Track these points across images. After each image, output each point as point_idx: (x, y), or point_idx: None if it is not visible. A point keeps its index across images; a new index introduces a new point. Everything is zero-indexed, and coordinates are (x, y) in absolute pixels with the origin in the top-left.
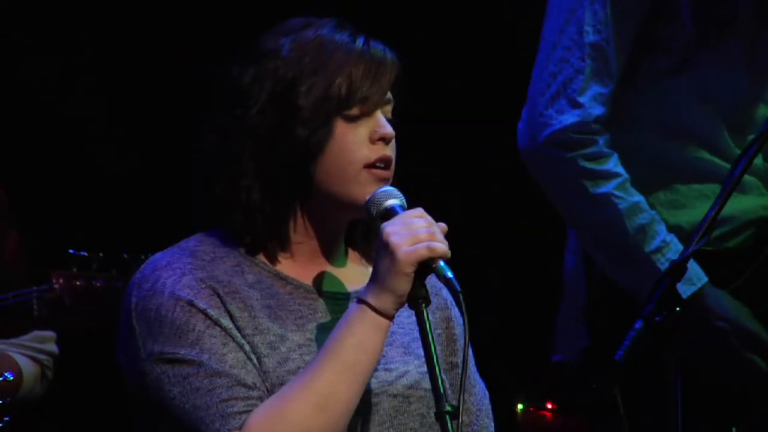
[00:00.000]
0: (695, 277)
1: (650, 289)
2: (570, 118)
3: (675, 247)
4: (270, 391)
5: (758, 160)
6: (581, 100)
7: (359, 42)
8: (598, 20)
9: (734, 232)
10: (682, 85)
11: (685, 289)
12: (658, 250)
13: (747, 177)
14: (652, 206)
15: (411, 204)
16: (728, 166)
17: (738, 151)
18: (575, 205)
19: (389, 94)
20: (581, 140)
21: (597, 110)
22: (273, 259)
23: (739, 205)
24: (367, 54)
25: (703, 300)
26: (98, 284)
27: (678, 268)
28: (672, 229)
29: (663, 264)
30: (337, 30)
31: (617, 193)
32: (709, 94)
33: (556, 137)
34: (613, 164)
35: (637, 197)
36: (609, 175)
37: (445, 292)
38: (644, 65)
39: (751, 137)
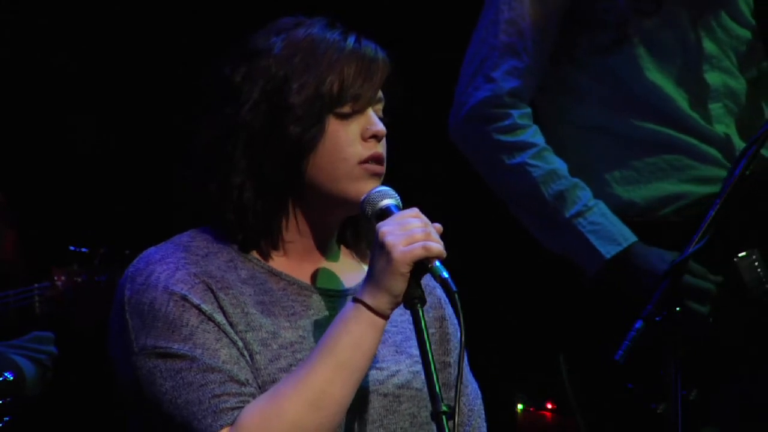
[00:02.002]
0: (621, 237)
1: (579, 252)
2: (483, 93)
3: (599, 211)
4: (261, 388)
5: (720, 130)
6: (494, 75)
7: (351, 40)
8: None
9: (690, 206)
10: (626, 57)
11: (608, 250)
12: (579, 214)
13: (708, 149)
14: (607, 184)
15: (406, 204)
16: (684, 137)
17: (698, 121)
18: (496, 178)
19: (380, 93)
20: (495, 114)
21: (510, 84)
22: (266, 257)
23: (693, 179)
24: (359, 52)
25: (630, 259)
26: (100, 280)
27: (678, 269)
28: (625, 204)
29: (585, 227)
30: (328, 29)
31: (531, 161)
32: (658, 63)
33: (473, 112)
34: (530, 135)
35: (555, 165)
36: (524, 146)
37: (438, 291)
38: (583, 41)
39: (713, 105)
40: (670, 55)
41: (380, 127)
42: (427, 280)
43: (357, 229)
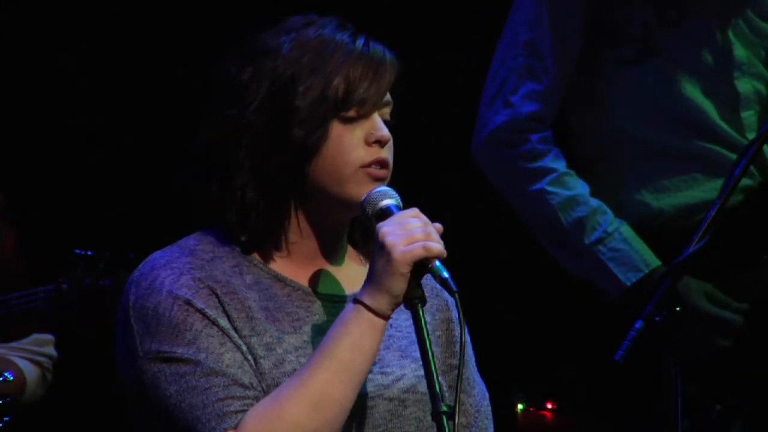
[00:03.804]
0: (642, 263)
1: (600, 279)
2: (502, 117)
3: (620, 236)
4: (266, 393)
5: (752, 138)
6: (512, 99)
7: (359, 43)
8: (530, 18)
9: None
10: (653, 68)
11: (628, 277)
12: (598, 241)
13: (731, 156)
14: (637, 193)
15: (407, 204)
16: (714, 148)
17: (728, 131)
18: (517, 202)
19: (388, 96)
20: (513, 139)
21: (528, 108)
22: (269, 259)
23: (716, 190)
24: (366, 55)
25: (652, 284)
26: (105, 284)
27: (678, 269)
28: (654, 212)
29: (605, 254)
30: (338, 30)
31: (550, 189)
32: (686, 73)
33: (492, 137)
34: (549, 160)
35: (575, 191)
36: (543, 172)
37: (445, 294)
38: (609, 55)
39: (745, 114)
40: (698, 64)
41: (384, 133)
42: (434, 283)
43: (366, 230)
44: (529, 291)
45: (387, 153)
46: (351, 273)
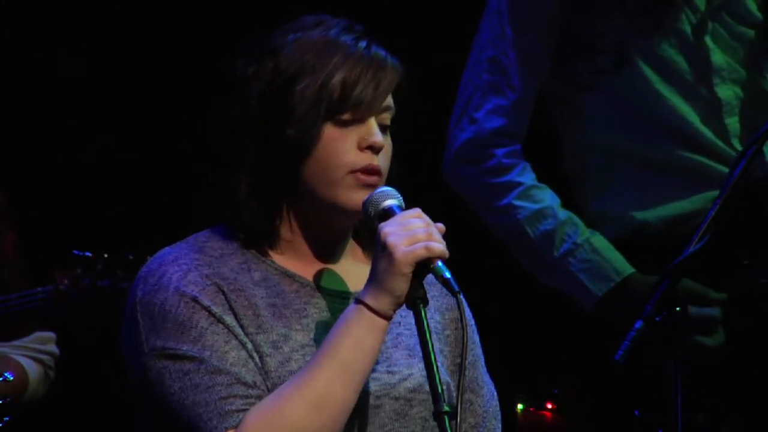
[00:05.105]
0: (613, 273)
1: (573, 291)
2: (467, 134)
3: (590, 247)
4: (270, 391)
5: (738, 145)
6: (477, 115)
7: (361, 45)
8: (494, 34)
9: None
10: (630, 78)
11: (600, 287)
12: (568, 253)
13: (721, 168)
14: (622, 204)
15: (409, 204)
16: (697, 157)
17: (711, 138)
18: (488, 218)
19: (389, 101)
20: (479, 155)
21: (492, 123)
22: (266, 256)
23: (708, 199)
24: (366, 58)
25: (627, 292)
26: (104, 285)
27: (677, 269)
28: (639, 225)
29: (575, 266)
30: (344, 31)
31: (516, 203)
32: (665, 81)
33: (458, 155)
34: (516, 174)
35: (543, 204)
36: (510, 186)
37: None
38: (583, 67)
39: (728, 120)
40: (676, 71)
41: (378, 139)
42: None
43: (370, 231)
44: (530, 291)
45: (380, 159)
46: (353, 270)
